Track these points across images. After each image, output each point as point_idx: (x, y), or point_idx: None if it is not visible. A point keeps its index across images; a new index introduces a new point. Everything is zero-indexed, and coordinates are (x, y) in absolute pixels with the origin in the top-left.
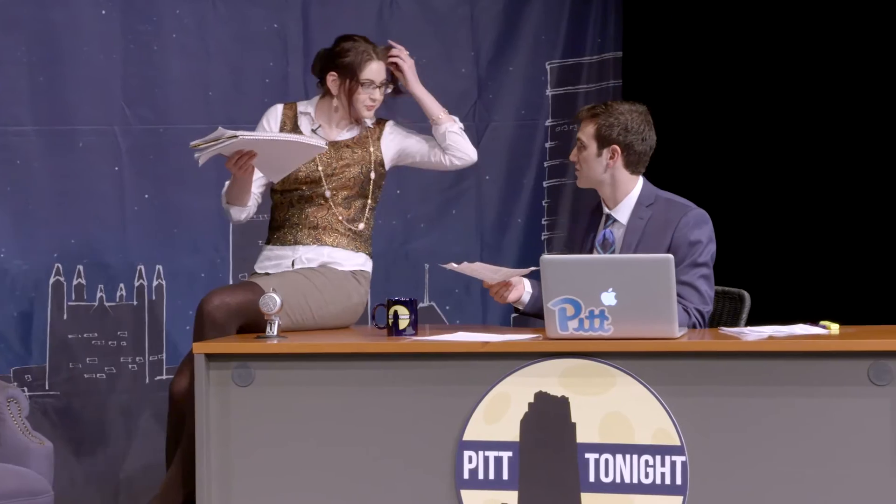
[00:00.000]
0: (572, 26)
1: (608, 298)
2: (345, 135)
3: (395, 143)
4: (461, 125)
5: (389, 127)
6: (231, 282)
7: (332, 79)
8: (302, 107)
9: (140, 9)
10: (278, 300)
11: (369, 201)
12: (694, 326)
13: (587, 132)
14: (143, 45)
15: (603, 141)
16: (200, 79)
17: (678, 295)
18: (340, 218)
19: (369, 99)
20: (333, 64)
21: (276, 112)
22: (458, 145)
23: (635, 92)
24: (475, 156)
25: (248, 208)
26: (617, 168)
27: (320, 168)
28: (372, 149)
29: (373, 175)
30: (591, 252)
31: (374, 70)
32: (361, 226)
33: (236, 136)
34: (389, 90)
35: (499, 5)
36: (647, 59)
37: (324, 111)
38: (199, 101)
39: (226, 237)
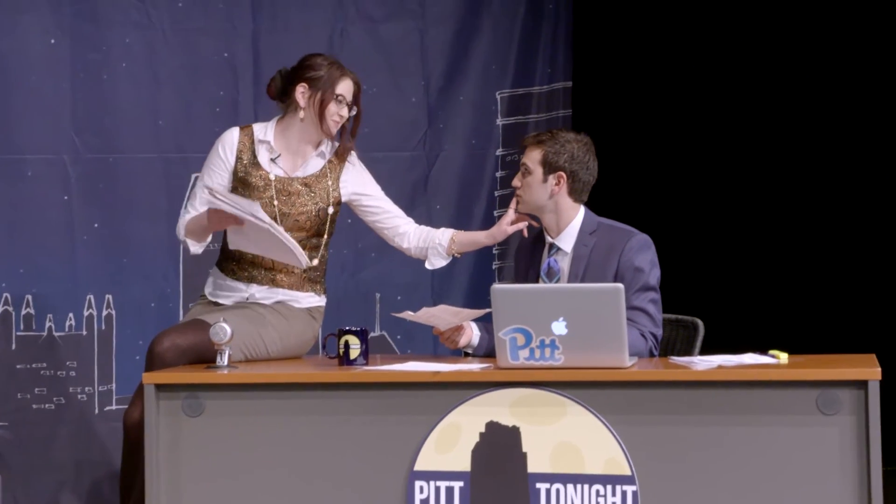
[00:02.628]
0: (522, 56)
1: (559, 328)
2: (305, 170)
3: (353, 185)
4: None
5: (350, 164)
6: (181, 312)
7: (301, 90)
8: (259, 132)
9: (89, 38)
10: (229, 330)
11: (325, 238)
12: (651, 351)
13: (533, 158)
14: (92, 74)
15: (549, 167)
16: (150, 107)
17: (631, 319)
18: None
19: (338, 115)
20: (304, 77)
21: (233, 139)
22: (434, 261)
23: (585, 121)
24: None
25: (206, 242)
26: (561, 195)
27: (276, 204)
28: (330, 183)
29: (330, 211)
30: (535, 282)
31: (346, 87)
32: (315, 261)
33: (255, 218)
34: (354, 111)
35: (448, 34)
36: (597, 90)
37: (283, 136)
38: (148, 129)
39: (176, 266)
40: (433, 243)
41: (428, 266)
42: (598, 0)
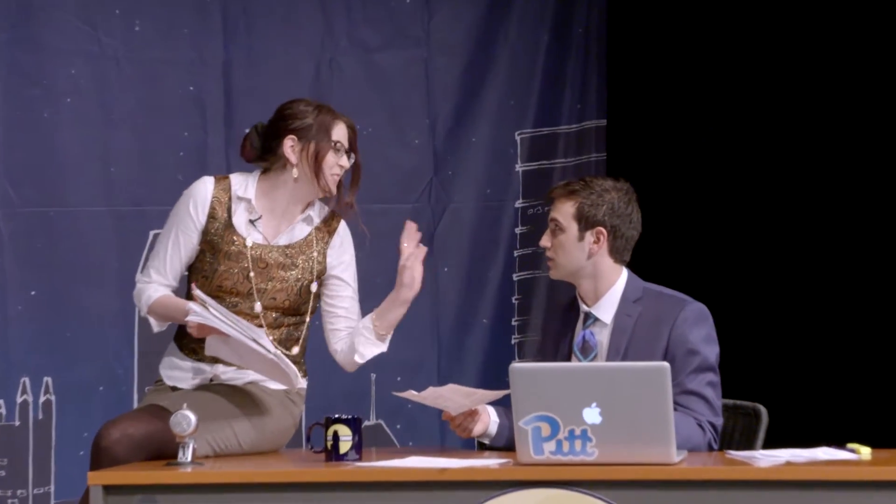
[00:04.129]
0: (547, 90)
1: (592, 416)
2: (289, 236)
3: (336, 265)
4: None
5: (340, 235)
6: (136, 398)
7: (290, 144)
8: (238, 188)
9: (27, 71)
10: (193, 419)
11: (306, 317)
12: (710, 444)
13: (564, 212)
14: (30, 113)
15: (586, 222)
16: (100, 152)
17: (685, 406)
18: (270, 339)
19: (337, 166)
20: (290, 129)
21: (206, 193)
22: (364, 350)
23: (622, 167)
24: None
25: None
26: (601, 255)
27: (252, 277)
28: (316, 254)
29: (313, 287)
30: (567, 358)
31: (342, 131)
32: (296, 350)
33: (257, 344)
34: (352, 160)
35: (459, 66)
36: (636, 129)
37: (267, 196)
38: (98, 178)
39: (130, 342)
40: (357, 331)
41: (357, 359)
42: (638, 23)
